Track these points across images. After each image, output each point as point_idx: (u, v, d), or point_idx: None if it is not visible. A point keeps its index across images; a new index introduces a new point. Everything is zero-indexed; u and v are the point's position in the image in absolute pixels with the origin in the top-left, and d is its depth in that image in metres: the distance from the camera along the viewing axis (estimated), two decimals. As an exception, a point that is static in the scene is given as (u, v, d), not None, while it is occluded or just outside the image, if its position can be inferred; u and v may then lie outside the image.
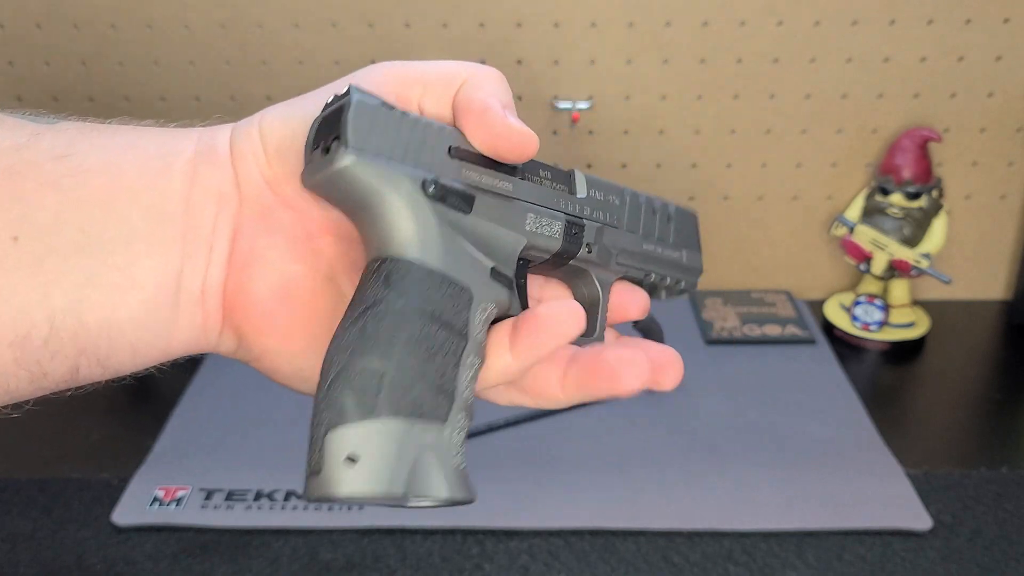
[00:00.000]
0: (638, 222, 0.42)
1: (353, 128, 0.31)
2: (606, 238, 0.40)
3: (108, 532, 0.59)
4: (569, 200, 0.39)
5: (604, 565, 0.57)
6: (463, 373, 0.33)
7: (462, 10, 0.78)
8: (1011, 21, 0.79)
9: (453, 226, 0.34)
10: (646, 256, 0.42)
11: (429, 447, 0.32)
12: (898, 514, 0.60)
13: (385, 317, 0.32)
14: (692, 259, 0.44)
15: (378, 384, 0.31)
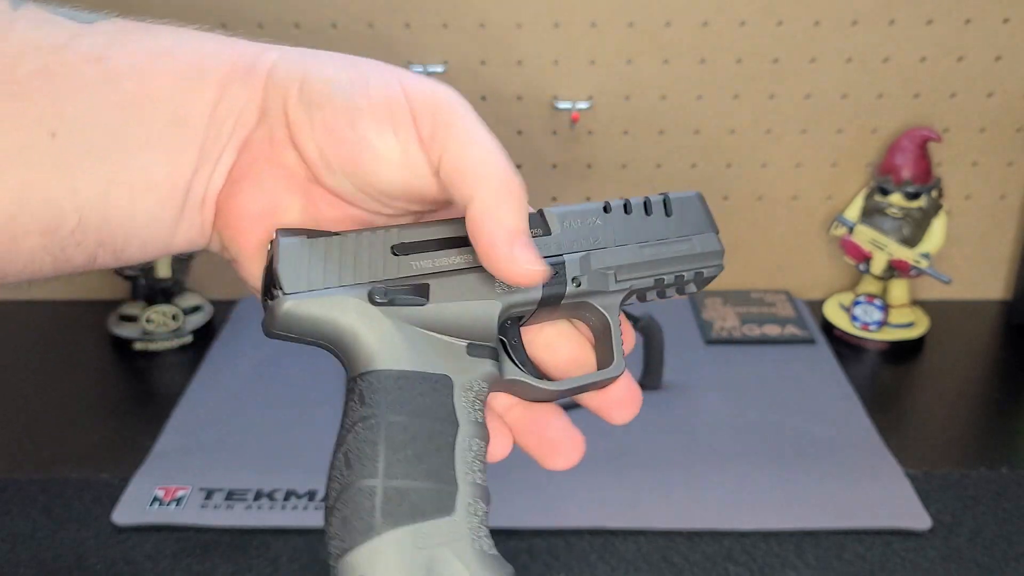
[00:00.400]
0: (628, 232, 0.41)
1: (284, 274, 0.33)
2: (595, 263, 0.40)
3: (108, 532, 0.59)
4: (541, 243, 0.38)
5: (604, 565, 0.57)
6: (461, 459, 0.34)
7: (462, 10, 0.78)
8: (1011, 21, 0.79)
9: (414, 321, 0.35)
10: (650, 263, 0.41)
11: (442, 543, 0.33)
12: (898, 514, 0.60)
13: (365, 434, 0.33)
14: (706, 243, 0.42)
15: (371, 502, 0.32)
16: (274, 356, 0.79)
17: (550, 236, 0.39)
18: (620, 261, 0.40)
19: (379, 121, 0.33)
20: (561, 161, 0.85)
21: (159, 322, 0.80)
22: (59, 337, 0.84)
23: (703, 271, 0.43)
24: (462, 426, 0.35)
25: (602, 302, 0.40)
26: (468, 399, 0.36)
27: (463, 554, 0.33)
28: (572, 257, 0.39)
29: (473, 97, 0.82)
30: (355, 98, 0.33)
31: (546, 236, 0.39)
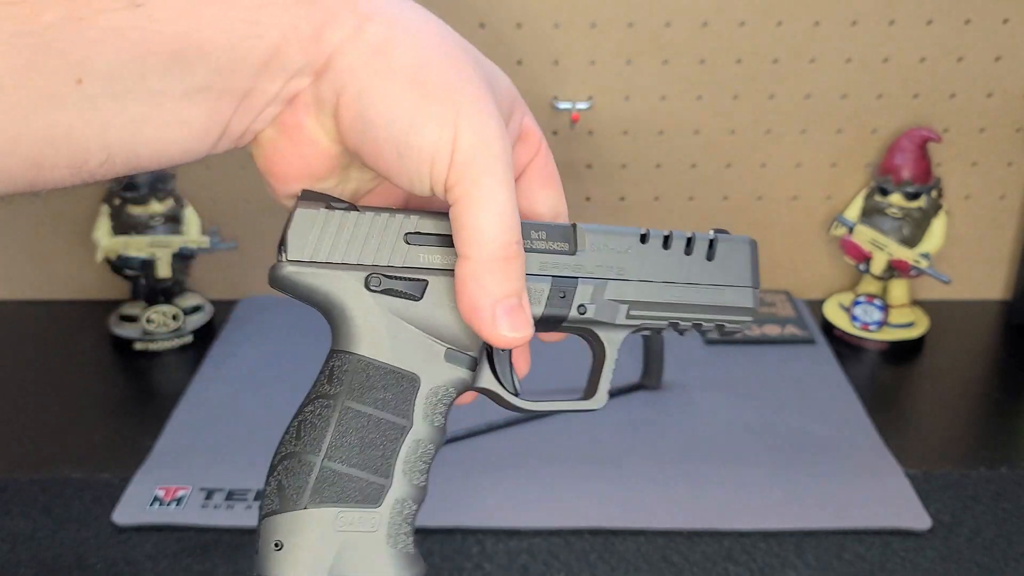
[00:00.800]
0: (658, 267, 0.40)
1: (292, 239, 0.35)
2: (610, 293, 0.39)
3: (108, 532, 0.59)
4: (560, 260, 0.38)
5: (604, 565, 0.57)
6: (404, 458, 0.35)
7: (462, 11, 0.79)
8: (1010, 21, 0.79)
9: (402, 315, 0.36)
10: (670, 304, 0.40)
11: (359, 532, 0.34)
12: (897, 514, 0.60)
13: (321, 411, 0.36)
14: (739, 297, 0.41)
15: (307, 477, 0.35)
16: (274, 356, 0.79)
17: (573, 256, 0.38)
18: (638, 297, 0.39)
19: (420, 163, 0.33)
20: (561, 161, 0.84)
21: (159, 322, 0.80)
22: (59, 337, 0.84)
23: (725, 324, 0.41)
24: (415, 427, 0.36)
25: (606, 333, 0.40)
26: (431, 402, 0.36)
27: (375, 546, 0.34)
28: (587, 284, 0.38)
29: (473, 97, 0.82)
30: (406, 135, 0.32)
31: (568, 255, 0.38)
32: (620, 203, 0.87)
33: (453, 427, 0.69)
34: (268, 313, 0.86)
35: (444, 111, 0.32)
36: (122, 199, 0.79)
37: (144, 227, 0.79)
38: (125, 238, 0.79)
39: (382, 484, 0.35)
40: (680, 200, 0.87)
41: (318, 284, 0.36)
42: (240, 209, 0.86)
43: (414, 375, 0.36)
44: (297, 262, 0.35)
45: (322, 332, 0.89)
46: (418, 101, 0.32)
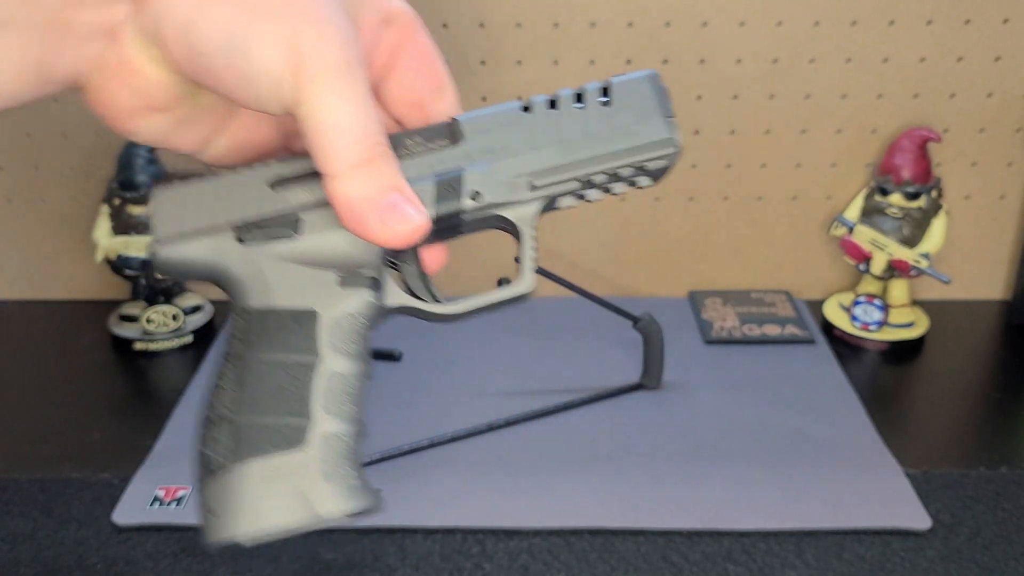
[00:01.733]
0: (551, 131, 0.38)
1: (157, 222, 0.36)
2: (503, 173, 0.37)
3: (109, 532, 0.59)
4: (441, 156, 0.37)
5: (603, 564, 0.57)
6: (321, 393, 0.35)
7: (462, 11, 0.79)
8: (1010, 21, 0.79)
9: (287, 256, 0.35)
10: (575, 163, 0.38)
11: (289, 475, 0.34)
12: (897, 513, 0.61)
13: (231, 371, 0.36)
14: (651, 131, 0.38)
15: (225, 437, 0.34)
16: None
17: (456, 147, 0.37)
18: (534, 167, 0.38)
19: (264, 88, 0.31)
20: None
21: (159, 322, 0.81)
22: (60, 337, 0.84)
23: (646, 164, 0.39)
24: (324, 360, 0.35)
25: (515, 213, 0.38)
26: (337, 333, 0.35)
27: (310, 486, 0.34)
28: (474, 170, 0.37)
29: (473, 97, 0.82)
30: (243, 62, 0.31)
31: (452, 147, 0.37)
32: (620, 203, 0.87)
33: (453, 427, 0.69)
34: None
35: (276, 28, 0.30)
36: (122, 199, 0.79)
37: (144, 227, 0.79)
38: (125, 238, 0.79)
39: (302, 424, 0.35)
40: (680, 200, 0.87)
41: (195, 256, 0.36)
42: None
43: (310, 310, 0.36)
44: (167, 241, 0.36)
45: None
46: (248, 24, 0.30)
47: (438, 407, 0.72)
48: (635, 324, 0.72)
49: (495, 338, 0.83)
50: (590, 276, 0.89)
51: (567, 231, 0.88)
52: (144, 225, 0.79)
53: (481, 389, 0.75)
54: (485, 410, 0.71)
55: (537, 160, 0.38)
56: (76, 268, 0.89)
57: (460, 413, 0.71)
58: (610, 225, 0.88)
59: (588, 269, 0.89)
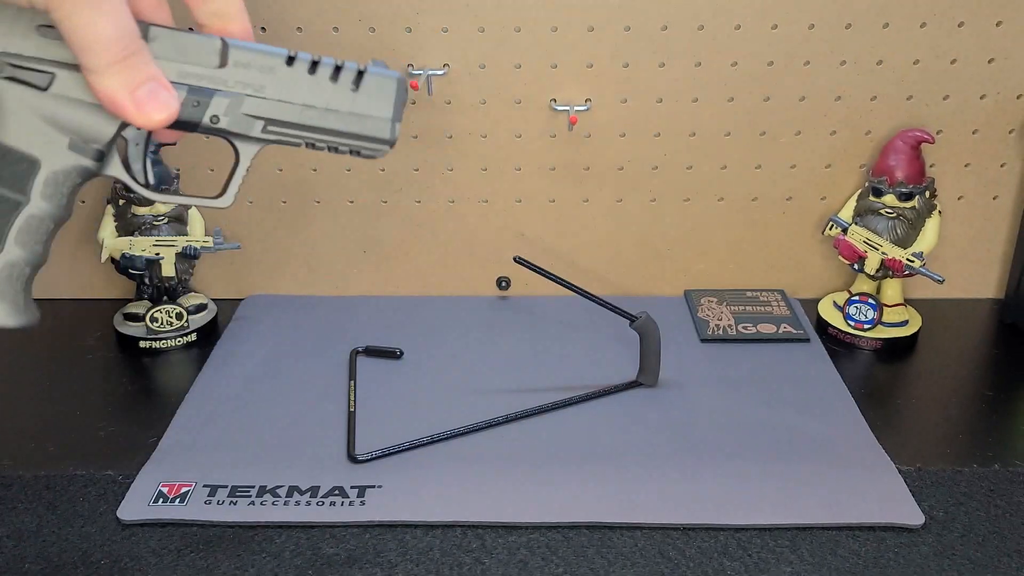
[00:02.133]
0: (301, 90, 0.43)
1: None
2: (247, 108, 0.43)
3: (113, 528, 0.60)
4: (201, 72, 0.41)
5: (601, 559, 0.58)
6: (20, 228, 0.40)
7: (462, 15, 0.79)
8: (1003, 24, 0.80)
9: (28, 103, 0.39)
10: (306, 127, 0.44)
11: None
12: (891, 510, 0.61)
13: None
14: (376, 129, 0.44)
15: None
16: (277, 353, 0.80)
17: (217, 69, 0.42)
18: (273, 115, 0.43)
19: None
20: (559, 163, 0.86)
21: (164, 321, 0.81)
22: (65, 335, 0.85)
23: (361, 150, 0.45)
24: (32, 203, 0.40)
25: (240, 143, 0.44)
26: (52, 184, 0.40)
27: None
28: (223, 97, 0.42)
29: (473, 100, 0.83)
30: None
31: (212, 68, 0.42)
32: (617, 204, 0.88)
33: (452, 424, 0.70)
34: (271, 311, 0.87)
35: None
36: (127, 199, 0.80)
37: (149, 227, 0.80)
38: (130, 238, 0.80)
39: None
40: (676, 202, 0.88)
41: None
42: (243, 210, 0.87)
43: (34, 158, 0.40)
44: None
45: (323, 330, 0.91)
46: None
47: (438, 404, 0.73)
48: (632, 323, 0.73)
49: (494, 336, 0.83)
50: (587, 275, 0.90)
51: (566, 231, 0.89)
52: (148, 225, 0.80)
53: (480, 387, 0.75)
54: (484, 407, 0.72)
55: (277, 111, 0.43)
56: (81, 267, 0.89)
57: (460, 410, 0.71)
58: (607, 225, 0.89)
59: (585, 268, 0.90)
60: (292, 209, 0.86)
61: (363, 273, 0.89)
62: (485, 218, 0.88)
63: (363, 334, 0.83)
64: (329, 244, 0.88)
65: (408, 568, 0.57)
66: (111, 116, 0.40)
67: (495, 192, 0.87)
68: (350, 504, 0.61)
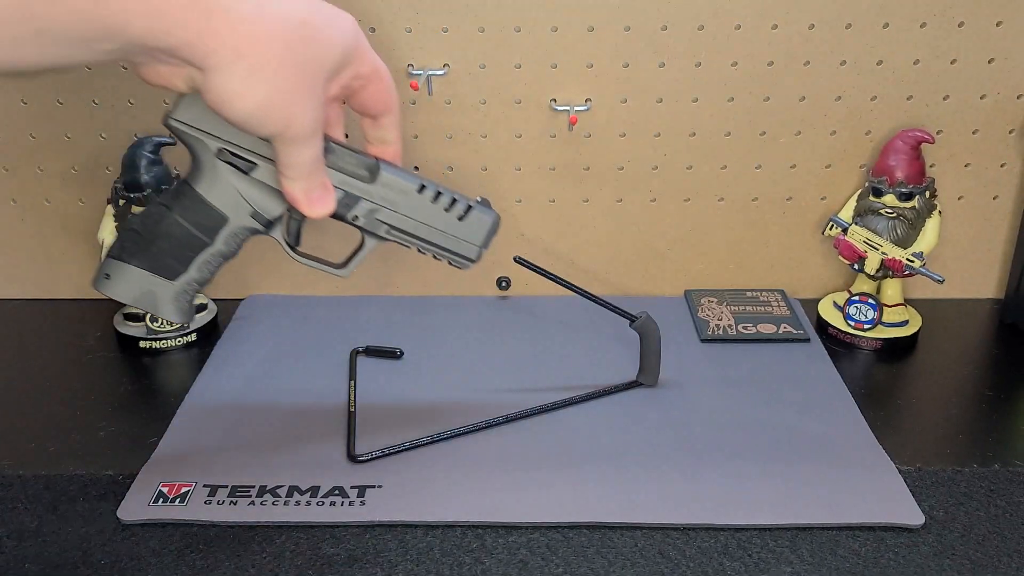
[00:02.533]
0: (421, 211, 0.58)
1: (182, 106, 0.53)
2: (380, 215, 0.58)
3: (113, 528, 0.60)
4: (356, 184, 0.56)
5: (601, 559, 0.58)
6: (201, 260, 0.56)
7: (462, 15, 0.79)
8: (1003, 24, 0.80)
9: (237, 180, 0.55)
10: (416, 237, 0.59)
11: (158, 288, 0.56)
12: (891, 510, 0.61)
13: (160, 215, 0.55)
14: (467, 250, 0.61)
15: (139, 248, 0.55)
16: (277, 354, 0.80)
17: (368, 184, 0.57)
18: (398, 224, 0.59)
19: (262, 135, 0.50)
20: (559, 163, 0.86)
21: (164, 321, 0.81)
22: (65, 335, 0.85)
23: (451, 261, 0.61)
24: (214, 246, 0.56)
25: (367, 237, 0.60)
26: (230, 236, 0.56)
27: (163, 298, 0.56)
28: (365, 204, 0.57)
29: (473, 100, 0.83)
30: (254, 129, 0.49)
31: (363, 181, 0.57)
32: (617, 204, 0.88)
33: (452, 424, 0.70)
34: (271, 311, 0.87)
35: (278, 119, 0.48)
36: (126, 199, 0.80)
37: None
38: (129, 239, 0.80)
39: (181, 270, 0.56)
40: (676, 201, 0.88)
41: (190, 140, 0.54)
42: (242, 210, 0.87)
43: (225, 216, 0.55)
44: (179, 121, 0.53)
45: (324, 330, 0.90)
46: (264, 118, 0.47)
47: (438, 404, 0.73)
48: (632, 323, 0.73)
49: (494, 336, 0.83)
50: (587, 275, 0.90)
51: (566, 231, 0.89)
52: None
53: (480, 387, 0.75)
54: (484, 407, 0.72)
55: (401, 222, 0.59)
56: (81, 268, 0.90)
57: (460, 410, 0.71)
58: (607, 225, 0.89)
59: (585, 269, 0.90)
60: (292, 209, 0.86)
61: (363, 273, 0.89)
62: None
63: (363, 334, 0.83)
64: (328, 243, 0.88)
65: (408, 568, 0.57)
66: (281, 202, 0.55)
67: (495, 192, 0.87)
68: (350, 504, 0.61)
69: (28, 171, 0.86)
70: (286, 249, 0.59)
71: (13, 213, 0.88)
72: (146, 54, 0.44)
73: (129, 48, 0.42)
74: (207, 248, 0.56)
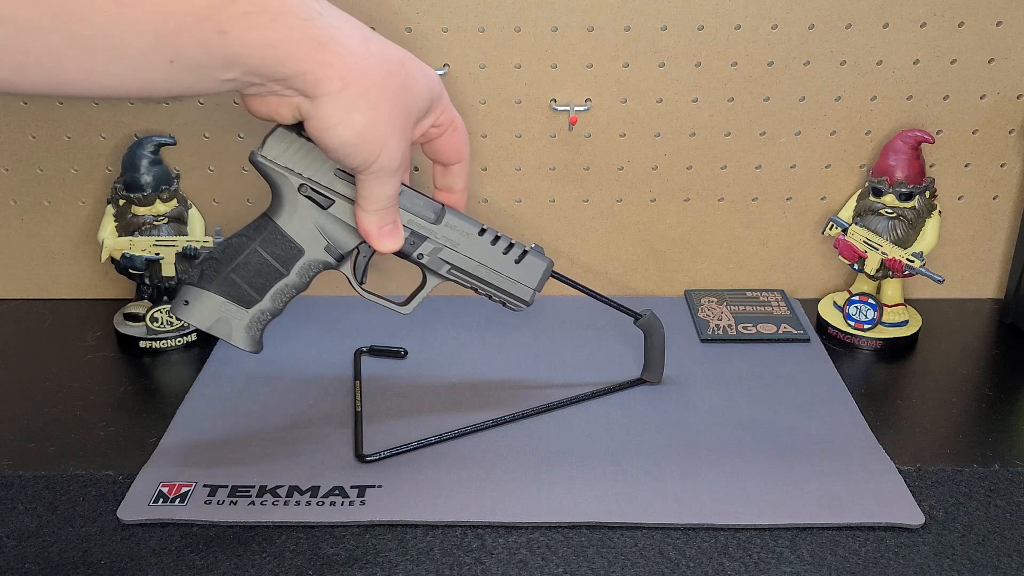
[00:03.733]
0: (481, 252, 0.63)
1: (269, 143, 0.57)
2: (442, 255, 0.62)
3: (113, 528, 0.60)
4: (422, 224, 0.61)
5: (601, 559, 0.58)
6: (276, 290, 0.59)
7: (462, 15, 0.79)
8: (1003, 24, 0.80)
9: (314, 215, 0.58)
10: (475, 277, 0.64)
11: (233, 316, 0.58)
12: (891, 510, 0.61)
13: (241, 244, 0.58)
14: (521, 292, 0.65)
15: (217, 275, 0.58)
16: (277, 354, 0.80)
17: (434, 225, 0.61)
18: (457, 264, 0.63)
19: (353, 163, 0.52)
20: (559, 163, 0.86)
21: (164, 321, 0.81)
22: (65, 335, 0.85)
23: (506, 303, 0.66)
24: (289, 276, 0.59)
25: (431, 276, 0.64)
26: (305, 268, 0.60)
27: (237, 327, 0.58)
28: (429, 243, 0.62)
29: (473, 100, 0.83)
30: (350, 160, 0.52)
31: (429, 222, 0.61)
32: (617, 204, 0.88)
33: (456, 422, 0.70)
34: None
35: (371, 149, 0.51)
36: (127, 200, 0.80)
37: (149, 227, 0.80)
38: (130, 238, 0.80)
39: (256, 299, 0.59)
40: (676, 201, 0.88)
41: (274, 175, 0.58)
42: (243, 210, 0.87)
43: (302, 248, 0.59)
44: (265, 158, 0.57)
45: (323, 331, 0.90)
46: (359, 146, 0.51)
47: (441, 403, 0.73)
48: (636, 320, 0.73)
49: (498, 335, 0.83)
50: (587, 275, 0.90)
51: (566, 231, 0.89)
52: (149, 225, 0.80)
53: (484, 385, 0.75)
54: (488, 406, 0.72)
55: (462, 262, 0.63)
56: (81, 268, 0.90)
57: (465, 409, 0.71)
58: (607, 225, 0.89)
59: (586, 268, 0.90)
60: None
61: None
62: (485, 218, 0.88)
63: (363, 334, 0.83)
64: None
65: (408, 568, 0.57)
66: (355, 237, 0.59)
67: (495, 192, 0.87)
68: (350, 504, 0.61)
69: (28, 171, 0.86)
70: (354, 285, 0.62)
71: (13, 213, 0.88)
72: (260, 85, 0.47)
73: (247, 78, 0.46)
74: (282, 279, 0.59)
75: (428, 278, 0.64)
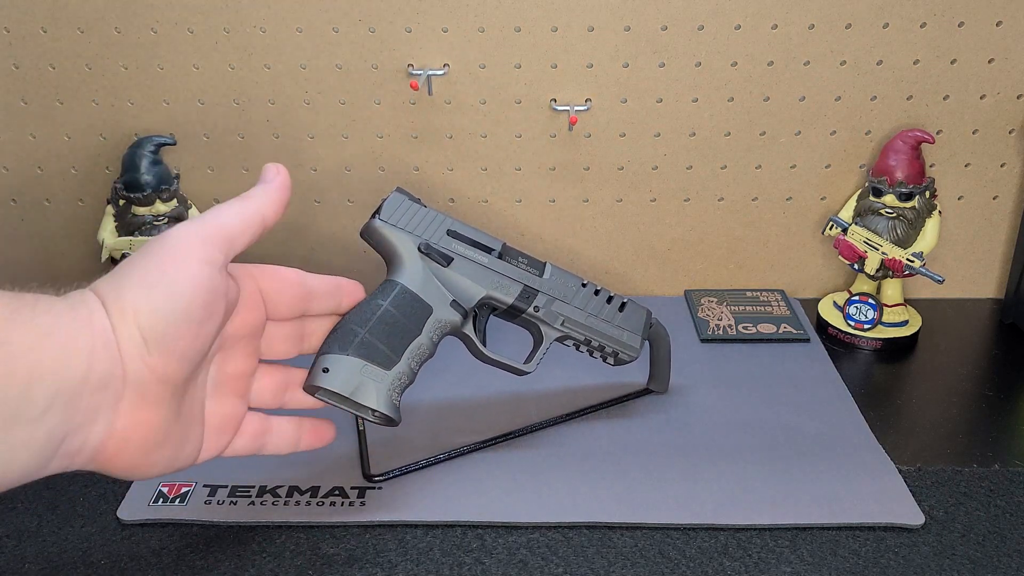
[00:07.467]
0: (587, 303, 0.66)
1: (386, 208, 0.60)
2: (555, 307, 0.64)
3: (113, 528, 0.60)
4: (532, 277, 0.64)
5: (601, 559, 0.58)
6: (409, 349, 0.58)
7: (462, 15, 0.79)
8: (1003, 24, 0.80)
9: (434, 271, 0.60)
10: (588, 327, 0.66)
11: (374, 379, 0.56)
12: (891, 510, 0.61)
13: (372, 306, 0.57)
14: (631, 340, 0.67)
15: (353, 338, 0.56)
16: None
17: (539, 278, 0.64)
18: (570, 315, 0.65)
19: None
20: (559, 163, 0.86)
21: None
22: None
23: (619, 353, 0.67)
24: (422, 335, 0.58)
25: (545, 329, 0.65)
26: (434, 326, 0.59)
27: (379, 390, 0.56)
28: (544, 295, 0.64)
29: (472, 100, 0.83)
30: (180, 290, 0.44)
31: (537, 276, 0.64)
32: (617, 204, 0.88)
33: (459, 432, 0.69)
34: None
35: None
36: (127, 199, 0.80)
37: (149, 227, 0.80)
38: (130, 238, 0.80)
39: (394, 360, 0.57)
40: (676, 201, 0.88)
41: (391, 238, 0.60)
42: (242, 210, 0.87)
43: (430, 306, 0.59)
44: (385, 222, 0.60)
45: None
46: None
47: (445, 417, 0.72)
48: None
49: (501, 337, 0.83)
50: (587, 275, 0.90)
51: (566, 231, 0.89)
52: (148, 225, 0.80)
53: (486, 396, 0.74)
54: (491, 418, 0.71)
55: (574, 314, 0.65)
56: (81, 268, 0.90)
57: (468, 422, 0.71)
58: (607, 225, 0.89)
59: (585, 268, 0.90)
60: (292, 209, 0.86)
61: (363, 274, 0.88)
62: (485, 218, 0.88)
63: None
64: (329, 244, 0.88)
65: (408, 568, 0.57)
66: (479, 288, 0.61)
67: (495, 192, 0.87)
68: (350, 504, 0.61)
69: (28, 171, 0.86)
70: (478, 345, 0.62)
71: (13, 213, 0.88)
72: None
73: None
74: (416, 338, 0.58)
75: (544, 332, 0.65)
